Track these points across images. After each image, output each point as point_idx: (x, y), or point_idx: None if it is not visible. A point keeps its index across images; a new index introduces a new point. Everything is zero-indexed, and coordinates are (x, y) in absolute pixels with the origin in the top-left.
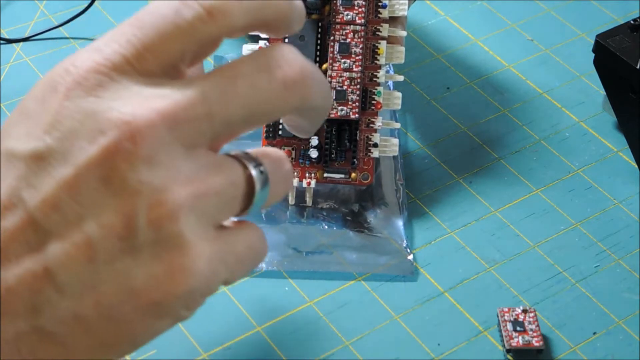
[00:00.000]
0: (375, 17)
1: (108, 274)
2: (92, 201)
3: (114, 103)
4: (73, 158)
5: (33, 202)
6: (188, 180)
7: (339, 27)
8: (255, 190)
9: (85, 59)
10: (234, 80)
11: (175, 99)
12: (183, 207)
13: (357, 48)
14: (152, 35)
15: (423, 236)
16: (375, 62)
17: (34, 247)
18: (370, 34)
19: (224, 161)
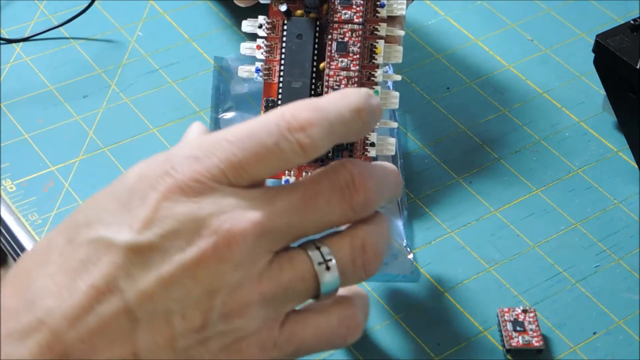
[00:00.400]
0: (374, 17)
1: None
2: (180, 296)
3: (213, 209)
4: (171, 256)
5: (130, 292)
6: (260, 280)
7: (336, 26)
8: (320, 282)
9: (185, 166)
10: (314, 199)
11: (265, 212)
12: (253, 303)
13: (355, 47)
14: (251, 160)
15: (423, 236)
16: (373, 62)
17: (126, 334)
18: (368, 33)
19: (294, 259)
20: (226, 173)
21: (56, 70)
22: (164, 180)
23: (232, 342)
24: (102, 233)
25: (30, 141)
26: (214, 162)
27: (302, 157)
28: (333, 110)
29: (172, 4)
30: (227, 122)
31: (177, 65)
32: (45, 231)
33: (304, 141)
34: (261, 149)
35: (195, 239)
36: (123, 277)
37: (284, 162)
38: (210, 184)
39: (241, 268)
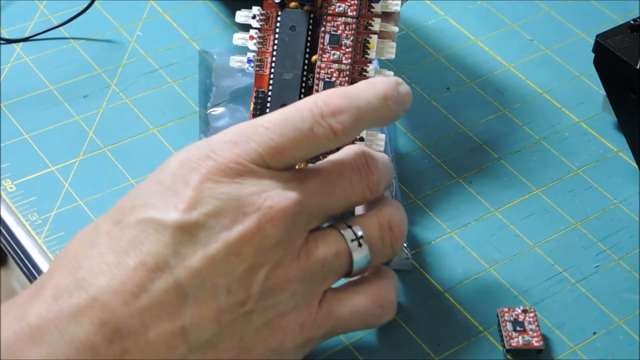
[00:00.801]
0: (368, 12)
1: (228, 334)
2: (226, 271)
3: (254, 189)
4: (217, 234)
5: (179, 269)
6: (299, 257)
7: (330, 19)
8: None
9: (226, 150)
10: (339, 179)
11: (300, 191)
12: (292, 279)
13: (348, 40)
14: (287, 144)
15: (423, 236)
16: (366, 57)
17: (175, 309)
18: (362, 28)
19: (329, 236)
20: (264, 156)
21: (56, 70)
22: (206, 163)
23: (274, 318)
24: (150, 214)
25: (30, 141)
26: (253, 146)
27: (334, 142)
28: (362, 98)
29: (172, 4)
30: (216, 118)
31: (177, 65)
32: (45, 231)
33: (336, 126)
34: (297, 133)
35: (239, 217)
36: (172, 254)
37: (317, 146)
38: (250, 166)
39: (282, 245)
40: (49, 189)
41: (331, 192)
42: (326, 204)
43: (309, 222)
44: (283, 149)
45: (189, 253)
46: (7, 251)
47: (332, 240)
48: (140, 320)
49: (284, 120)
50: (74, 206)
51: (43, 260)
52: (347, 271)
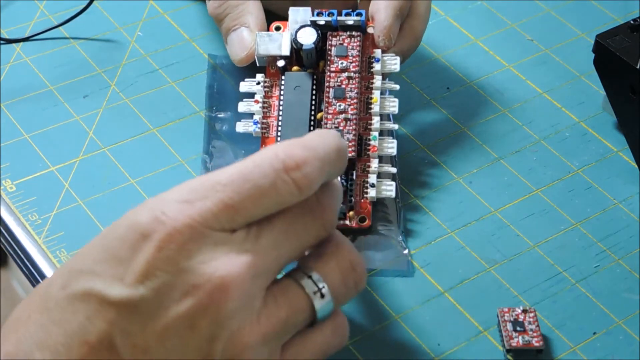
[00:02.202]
0: (368, 73)
1: None
2: (178, 346)
3: (206, 257)
4: (166, 309)
5: (125, 347)
6: (259, 320)
7: (334, 75)
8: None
9: (177, 212)
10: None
11: (256, 252)
12: (254, 344)
13: (352, 92)
14: (246, 203)
15: (423, 236)
16: (370, 112)
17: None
18: (363, 88)
19: (288, 291)
20: (219, 217)
21: (56, 70)
22: (156, 230)
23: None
24: (95, 285)
25: (30, 141)
26: (207, 206)
27: (297, 197)
28: (321, 149)
29: (172, 4)
30: (222, 121)
31: (177, 65)
32: (45, 231)
33: (300, 181)
34: (256, 191)
35: (190, 289)
36: (117, 332)
37: (279, 203)
38: (202, 230)
39: (239, 312)
40: (49, 189)
41: (286, 243)
42: (282, 257)
43: (266, 279)
44: (241, 208)
45: (135, 330)
46: (7, 251)
47: (293, 295)
48: None
49: (243, 177)
50: (74, 206)
51: (43, 260)
52: (310, 323)
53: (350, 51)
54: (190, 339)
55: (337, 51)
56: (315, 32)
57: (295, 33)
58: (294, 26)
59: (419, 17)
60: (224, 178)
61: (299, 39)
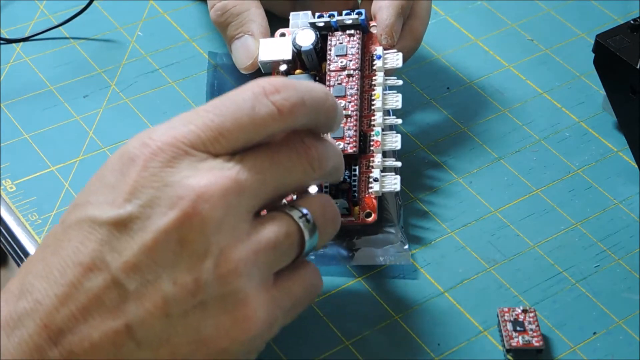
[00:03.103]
0: (370, 71)
1: (181, 326)
2: (168, 261)
3: (189, 172)
4: (153, 223)
5: (116, 265)
6: (249, 238)
7: (334, 74)
8: (305, 237)
9: (162, 134)
10: (276, 156)
11: (240, 170)
12: (246, 262)
13: (353, 90)
14: (228, 124)
15: (423, 236)
16: (372, 109)
17: (116, 306)
18: (367, 86)
19: (275, 217)
20: (203, 140)
21: (56, 70)
22: (141, 152)
23: (234, 304)
24: (87, 212)
25: (30, 141)
26: (191, 129)
27: (278, 122)
28: (303, 85)
29: (172, 4)
30: None
31: (177, 65)
32: (45, 231)
33: (280, 103)
34: (238, 113)
35: (176, 202)
36: (108, 251)
37: (261, 127)
38: (186, 149)
39: (226, 227)
40: (49, 189)
41: (270, 170)
42: (268, 182)
43: (252, 203)
44: (224, 131)
45: (125, 247)
46: (7, 251)
47: (280, 220)
48: (81, 320)
49: (224, 102)
50: None
51: None
52: (298, 252)
53: (350, 49)
54: (180, 254)
55: (337, 50)
56: (314, 33)
57: (294, 36)
58: (295, 30)
59: (419, 18)
60: (207, 105)
61: (298, 42)
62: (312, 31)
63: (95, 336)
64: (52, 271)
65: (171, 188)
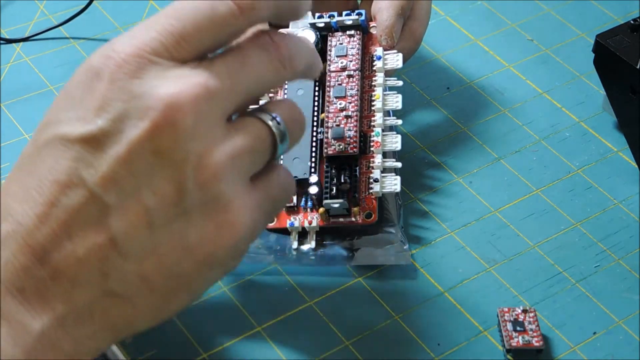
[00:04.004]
0: (371, 72)
1: (165, 236)
2: (146, 172)
3: (157, 82)
4: (125, 135)
5: (93, 179)
6: (224, 143)
7: (334, 75)
8: (277, 139)
9: (124, 44)
10: (246, 58)
11: (209, 76)
12: (224, 167)
13: (353, 90)
14: (188, 27)
15: (423, 236)
16: (372, 110)
17: (98, 220)
18: (367, 87)
19: (247, 121)
20: (166, 45)
21: (56, 70)
22: (106, 65)
23: (217, 209)
24: (58, 130)
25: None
26: (153, 36)
27: (240, 19)
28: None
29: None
30: None
31: None
32: None
33: (238, 1)
34: (197, 15)
35: (146, 112)
36: (83, 167)
37: (222, 26)
38: (151, 58)
39: (200, 134)
40: None
41: (241, 73)
42: (239, 86)
43: (224, 108)
44: (186, 34)
45: (100, 162)
46: None
47: (252, 125)
48: (64, 237)
49: (182, 5)
50: None
51: None
52: (271, 155)
53: (350, 50)
54: (157, 164)
55: (337, 51)
56: (314, 34)
57: None
58: (295, 30)
59: (419, 19)
60: (168, 9)
61: None
62: (313, 32)
63: (80, 252)
64: (29, 192)
65: (139, 99)
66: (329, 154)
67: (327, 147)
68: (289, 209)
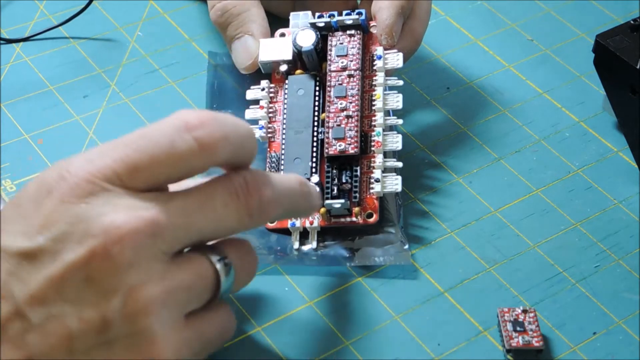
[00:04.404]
0: (371, 71)
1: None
2: (75, 297)
3: (104, 209)
4: (61, 257)
5: (21, 295)
6: (161, 278)
7: (335, 75)
8: (221, 279)
9: (79, 168)
10: (210, 201)
11: (159, 211)
12: (155, 302)
13: (354, 90)
14: (144, 159)
15: (423, 236)
16: (373, 109)
17: (19, 337)
18: (367, 86)
19: (192, 258)
20: (119, 174)
21: (56, 70)
22: (59, 185)
23: (141, 344)
24: (1, 242)
25: (30, 141)
26: (107, 163)
27: (198, 157)
28: (229, 119)
29: (172, 4)
30: None
31: (177, 65)
32: None
33: (202, 138)
34: (155, 148)
35: (86, 238)
36: (15, 281)
37: (179, 162)
38: (103, 185)
39: (136, 268)
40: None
41: (198, 214)
42: (192, 227)
43: (171, 244)
44: (140, 166)
45: (31, 279)
46: None
47: (197, 262)
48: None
49: (142, 135)
50: None
51: None
52: (213, 294)
53: (351, 50)
54: (87, 291)
55: (337, 51)
56: (314, 33)
57: (294, 36)
58: (295, 30)
59: (419, 19)
60: (127, 138)
61: (298, 42)
62: (313, 31)
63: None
64: None
65: (83, 224)
66: (329, 154)
67: (327, 147)
68: None
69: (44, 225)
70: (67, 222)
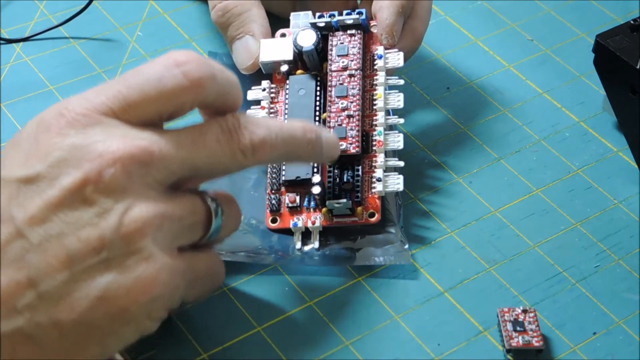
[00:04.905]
0: (372, 71)
1: (82, 282)
2: (73, 218)
3: (101, 137)
4: (59, 181)
5: (21, 217)
6: (156, 205)
7: (335, 75)
8: (212, 219)
9: (76, 105)
10: (203, 136)
11: (153, 141)
12: (151, 225)
13: (355, 90)
14: (135, 95)
15: (423, 236)
16: (374, 109)
17: (19, 257)
18: (368, 86)
19: (186, 194)
20: (114, 110)
21: (56, 70)
22: (57, 120)
23: (137, 263)
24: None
25: None
26: (102, 100)
27: (187, 92)
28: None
29: (172, 4)
30: None
31: None
32: None
33: (189, 72)
34: (145, 84)
35: (83, 163)
36: (14, 205)
37: (168, 97)
38: (98, 117)
39: (131, 191)
40: None
41: (192, 147)
42: (185, 160)
43: (165, 174)
44: (132, 101)
45: (30, 202)
46: None
47: (191, 199)
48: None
49: (135, 73)
50: None
51: None
52: (203, 234)
53: (351, 49)
54: (84, 212)
55: (338, 50)
56: (315, 33)
57: (295, 36)
58: (296, 30)
59: (419, 19)
60: (121, 77)
61: (299, 42)
62: (313, 31)
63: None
64: None
65: (79, 150)
66: None
67: None
68: (292, 210)
69: (42, 155)
70: (64, 149)
